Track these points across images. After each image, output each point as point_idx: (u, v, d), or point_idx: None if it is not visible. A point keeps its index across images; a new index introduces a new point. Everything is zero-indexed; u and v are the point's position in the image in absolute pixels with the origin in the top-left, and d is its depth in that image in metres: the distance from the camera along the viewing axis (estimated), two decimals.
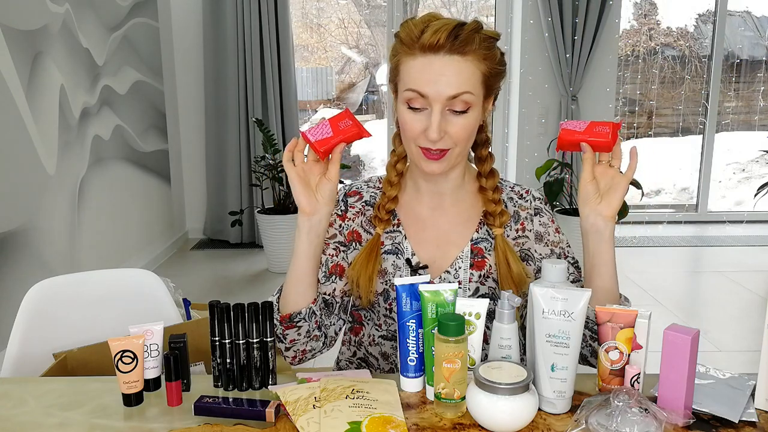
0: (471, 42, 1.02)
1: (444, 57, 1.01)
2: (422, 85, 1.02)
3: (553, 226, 1.18)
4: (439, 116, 1.02)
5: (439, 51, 1.01)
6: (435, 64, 1.02)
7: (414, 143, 1.07)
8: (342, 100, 6.79)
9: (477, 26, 1.04)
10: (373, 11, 5.74)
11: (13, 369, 1.27)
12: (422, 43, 1.01)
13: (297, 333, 1.08)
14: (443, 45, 1.01)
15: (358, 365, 1.24)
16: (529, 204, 1.18)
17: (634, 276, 3.74)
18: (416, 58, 1.03)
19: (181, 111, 4.54)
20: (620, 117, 5.16)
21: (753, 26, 5.70)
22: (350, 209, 1.19)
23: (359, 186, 1.22)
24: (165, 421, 0.89)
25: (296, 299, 1.08)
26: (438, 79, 1.01)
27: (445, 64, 1.01)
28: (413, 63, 1.03)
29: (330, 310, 1.15)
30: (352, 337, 1.24)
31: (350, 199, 1.20)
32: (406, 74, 1.05)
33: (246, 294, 3.50)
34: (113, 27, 3.47)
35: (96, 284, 1.41)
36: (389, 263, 1.15)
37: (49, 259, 2.74)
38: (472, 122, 1.06)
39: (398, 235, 1.16)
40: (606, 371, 0.92)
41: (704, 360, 0.94)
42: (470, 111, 1.04)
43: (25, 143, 2.56)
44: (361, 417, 0.83)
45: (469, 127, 1.05)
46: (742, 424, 0.86)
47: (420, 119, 1.04)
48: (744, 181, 5.94)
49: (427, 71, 1.02)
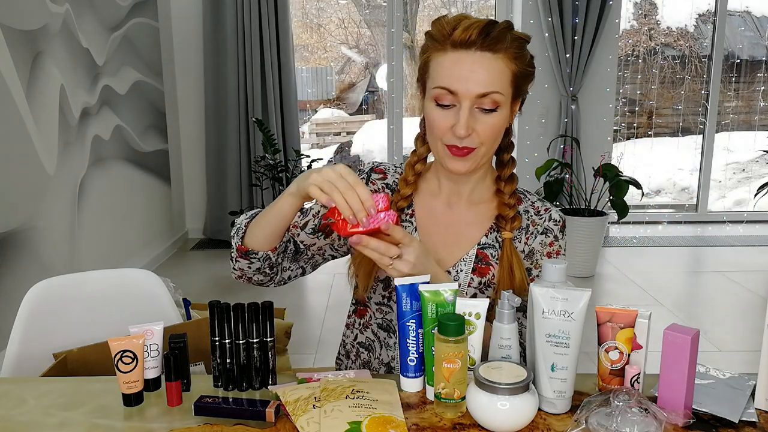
0: (502, 40, 1.01)
1: (475, 53, 1.01)
2: (452, 82, 1.01)
3: (549, 249, 1.14)
4: (467, 112, 1.02)
5: (471, 47, 1.01)
6: (466, 61, 1.01)
7: (441, 141, 1.06)
8: (342, 100, 6.79)
9: (508, 25, 1.04)
10: (373, 11, 5.74)
11: (13, 369, 1.27)
12: (454, 39, 1.01)
13: (248, 265, 1.10)
14: (475, 41, 1.00)
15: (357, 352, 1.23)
16: (542, 222, 1.16)
17: (634, 276, 3.74)
18: (447, 54, 1.02)
19: (181, 111, 4.54)
20: (620, 117, 5.16)
21: (753, 26, 5.70)
22: (370, 185, 1.18)
23: (387, 167, 1.21)
24: (165, 421, 0.89)
25: (260, 240, 1.07)
26: (468, 76, 1.01)
27: (475, 61, 1.01)
28: (444, 59, 1.03)
29: (296, 257, 1.16)
30: (357, 320, 1.23)
31: (374, 175, 1.19)
32: (435, 71, 1.04)
33: (246, 294, 3.50)
34: (113, 27, 3.47)
35: (96, 284, 1.40)
36: None
37: (49, 259, 2.74)
38: (500, 122, 1.05)
39: (409, 226, 1.16)
40: (606, 371, 0.92)
41: (704, 360, 0.94)
42: (499, 110, 1.03)
43: (25, 143, 2.56)
44: (361, 417, 0.83)
45: (496, 127, 1.04)
46: (742, 424, 0.86)
47: (448, 116, 1.04)
48: (744, 181, 5.94)
49: (457, 67, 1.01)
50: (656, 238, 4.72)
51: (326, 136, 7.09)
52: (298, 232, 1.16)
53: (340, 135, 7.01)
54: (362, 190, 0.92)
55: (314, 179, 0.94)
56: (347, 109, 6.99)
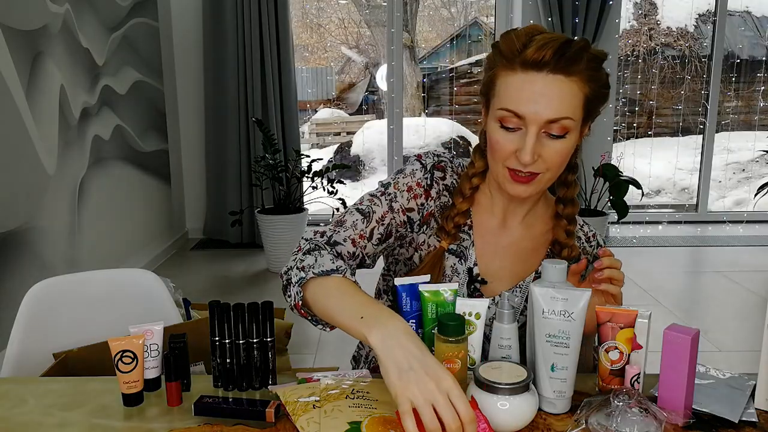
0: (578, 61, 0.94)
1: (547, 76, 0.93)
2: (520, 105, 0.94)
3: None
4: (534, 139, 0.95)
5: (543, 69, 0.93)
6: (536, 84, 0.93)
7: (503, 163, 0.99)
8: (342, 100, 6.79)
9: (585, 44, 0.95)
10: (373, 11, 5.74)
11: (13, 369, 1.27)
12: (524, 58, 0.93)
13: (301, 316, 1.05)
14: (548, 62, 0.92)
15: None
16: (592, 250, 1.13)
17: (634, 276, 3.74)
18: (516, 74, 0.95)
19: (181, 111, 4.54)
20: (620, 117, 5.16)
21: (753, 26, 5.70)
22: (435, 185, 1.10)
23: (446, 164, 1.12)
24: (165, 421, 0.89)
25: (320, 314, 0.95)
26: (538, 100, 0.93)
27: (547, 84, 0.93)
28: (512, 79, 0.95)
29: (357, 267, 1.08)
30: None
31: (437, 173, 1.10)
32: (502, 90, 0.97)
33: (246, 294, 3.50)
34: (113, 27, 3.47)
35: (96, 284, 1.40)
36: (449, 264, 1.09)
37: (49, 259, 2.74)
38: (569, 147, 0.98)
39: (466, 238, 1.10)
40: (606, 371, 0.92)
41: (704, 360, 0.94)
42: (568, 135, 0.97)
43: (25, 143, 2.56)
44: (361, 417, 0.83)
45: (564, 152, 0.98)
46: (742, 424, 0.86)
47: (513, 139, 0.97)
48: (744, 181, 5.94)
49: (526, 90, 0.94)
50: (656, 238, 4.72)
51: (326, 136, 7.09)
52: (365, 244, 1.07)
53: (339, 135, 7.02)
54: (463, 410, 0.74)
55: (413, 394, 0.74)
56: (347, 109, 6.99)
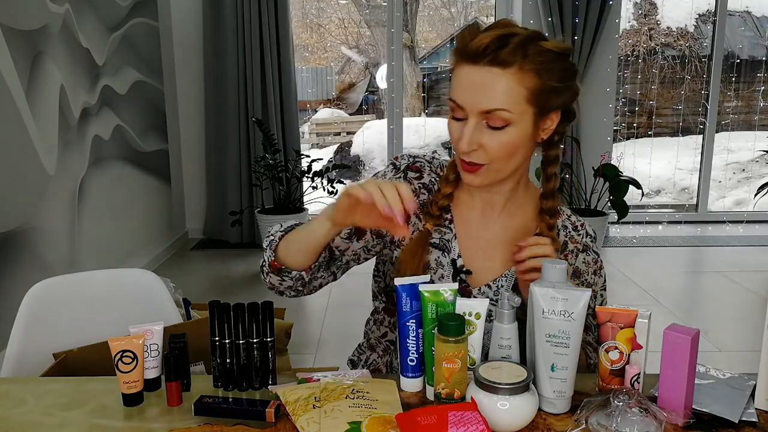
0: (515, 54, 0.95)
1: (483, 68, 0.96)
2: (459, 95, 0.99)
3: (594, 266, 1.14)
4: (472, 129, 0.98)
5: (479, 61, 0.96)
6: (473, 75, 0.97)
7: (458, 154, 1.03)
8: (342, 100, 6.79)
9: (530, 36, 0.97)
10: (373, 11, 5.74)
11: (13, 369, 1.27)
12: (467, 51, 0.97)
13: (279, 281, 1.08)
14: (483, 55, 0.95)
15: (386, 348, 1.22)
16: (581, 239, 1.14)
17: (634, 276, 3.74)
18: (461, 66, 0.99)
19: (181, 111, 4.54)
20: (620, 117, 5.16)
21: (753, 26, 5.70)
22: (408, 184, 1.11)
23: (423, 164, 1.15)
24: (165, 421, 0.89)
25: (294, 259, 1.05)
26: (473, 90, 0.97)
27: (482, 76, 0.96)
28: (457, 71, 1.00)
29: (330, 263, 1.12)
30: (387, 318, 1.20)
31: (411, 173, 1.14)
32: (452, 82, 1.01)
33: (246, 294, 3.50)
34: (113, 27, 3.47)
35: (96, 284, 1.40)
36: (433, 258, 1.11)
37: (49, 259, 2.74)
38: (512, 140, 0.99)
39: (448, 232, 1.12)
40: (606, 371, 0.92)
41: (704, 360, 0.94)
42: (509, 128, 0.98)
43: (25, 143, 2.56)
44: (361, 417, 0.83)
45: (507, 145, 0.99)
46: (742, 424, 0.86)
47: (459, 129, 1.01)
48: (744, 181, 5.95)
49: (464, 81, 0.98)
50: (656, 238, 4.72)
51: (326, 136, 7.09)
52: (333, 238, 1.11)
53: (339, 135, 7.02)
54: (404, 188, 0.90)
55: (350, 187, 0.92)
56: (347, 109, 6.99)
